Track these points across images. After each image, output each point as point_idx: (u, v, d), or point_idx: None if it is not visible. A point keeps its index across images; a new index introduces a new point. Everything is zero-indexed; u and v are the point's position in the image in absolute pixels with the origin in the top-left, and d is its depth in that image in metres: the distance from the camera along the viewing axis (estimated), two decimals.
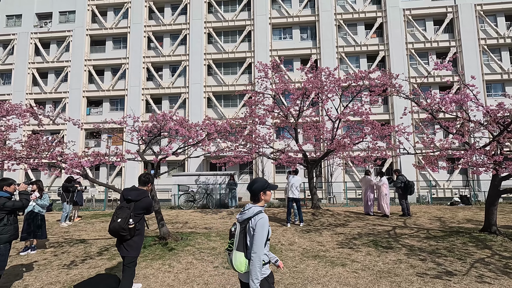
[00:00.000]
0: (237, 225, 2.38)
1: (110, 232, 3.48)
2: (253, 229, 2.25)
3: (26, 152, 6.09)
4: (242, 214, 2.39)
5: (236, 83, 23.25)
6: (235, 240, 2.33)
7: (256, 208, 2.35)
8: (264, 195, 2.41)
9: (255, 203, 2.43)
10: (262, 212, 2.31)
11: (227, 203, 13.46)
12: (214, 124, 6.02)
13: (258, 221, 2.24)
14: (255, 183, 2.45)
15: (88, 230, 8.53)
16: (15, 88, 24.88)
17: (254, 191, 2.42)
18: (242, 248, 2.28)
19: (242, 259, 2.25)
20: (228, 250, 2.42)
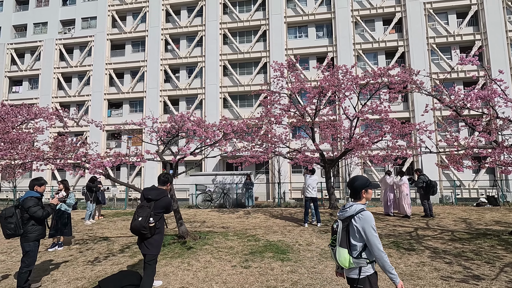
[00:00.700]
0: (339, 222, 2.43)
1: (132, 230, 3.58)
2: (357, 227, 2.30)
3: (52, 153, 6.39)
4: (343, 212, 2.43)
5: (252, 83, 23.30)
6: (338, 237, 2.38)
7: (358, 205, 2.38)
8: (366, 193, 2.44)
9: (355, 201, 2.46)
10: (365, 210, 2.35)
11: (243, 202, 13.52)
12: (231, 124, 6.06)
13: (363, 219, 2.29)
14: (356, 180, 2.48)
15: (111, 228, 8.83)
16: (42, 92, 26.15)
17: (355, 188, 2.45)
18: (345, 245, 2.33)
19: (346, 255, 2.31)
20: (331, 246, 2.47)
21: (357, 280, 2.30)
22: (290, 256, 5.56)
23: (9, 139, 8.82)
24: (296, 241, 6.74)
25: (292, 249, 6.08)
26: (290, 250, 6.00)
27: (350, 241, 2.34)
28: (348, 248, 2.33)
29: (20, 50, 27.48)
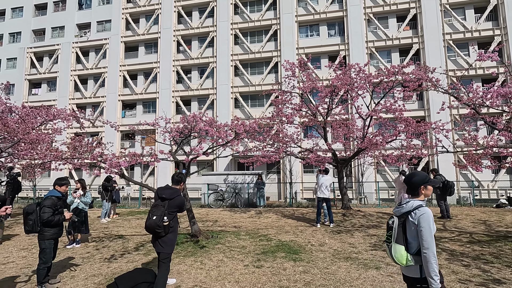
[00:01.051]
0: (395, 219, 2.37)
1: (146, 229, 3.64)
2: (415, 224, 2.23)
3: (70, 153, 6.59)
4: (400, 208, 2.38)
5: (263, 83, 23.29)
6: (394, 233, 2.32)
7: (416, 202, 2.31)
8: (425, 190, 2.37)
9: (413, 197, 2.40)
10: (423, 206, 2.28)
11: (255, 202, 13.54)
12: (243, 124, 6.08)
13: (421, 215, 2.21)
14: (415, 176, 2.41)
15: (125, 226, 9.02)
16: (59, 94, 27.00)
17: (414, 184, 2.39)
18: (402, 241, 2.28)
19: (403, 252, 2.25)
20: (387, 242, 2.41)
21: (419, 279, 2.22)
22: (303, 257, 5.53)
23: (30, 139, 9.17)
24: (308, 241, 6.70)
25: (304, 249, 6.04)
26: (303, 250, 5.96)
27: (407, 238, 2.28)
28: (404, 244, 2.27)
29: (39, 53, 28.46)
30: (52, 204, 4.21)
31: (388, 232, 2.42)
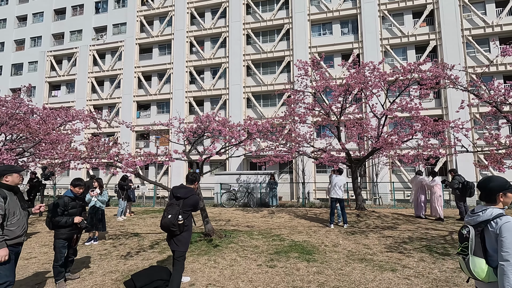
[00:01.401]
0: (470, 228, 2.16)
1: (162, 227, 3.71)
2: (496, 234, 2.02)
3: (88, 153, 6.79)
4: (475, 216, 2.17)
5: (275, 83, 23.24)
6: (471, 244, 2.11)
7: (495, 210, 2.10)
8: (505, 197, 2.12)
9: (489, 203, 2.17)
10: (505, 215, 2.05)
11: (267, 202, 13.53)
12: (256, 123, 6.09)
13: (504, 224, 1.99)
14: (492, 181, 2.16)
15: (140, 224, 9.21)
16: (77, 95, 27.87)
17: (491, 190, 2.14)
18: (481, 254, 2.07)
19: (483, 265, 2.04)
20: (462, 254, 2.18)
21: None
22: (316, 257, 5.48)
23: (50, 140, 9.49)
24: (321, 242, 6.63)
25: (318, 250, 5.99)
26: (316, 251, 5.91)
27: (487, 250, 2.06)
28: (484, 257, 2.05)
29: (58, 56, 29.47)
30: (62, 204, 4.27)
31: (462, 244, 2.18)
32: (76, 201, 4.48)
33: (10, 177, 3.30)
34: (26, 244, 6.89)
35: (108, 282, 4.48)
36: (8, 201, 3.21)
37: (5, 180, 3.27)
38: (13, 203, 3.27)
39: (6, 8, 31.80)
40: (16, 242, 3.29)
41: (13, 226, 3.23)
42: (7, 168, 3.37)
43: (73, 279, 4.62)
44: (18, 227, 3.29)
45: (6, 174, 3.28)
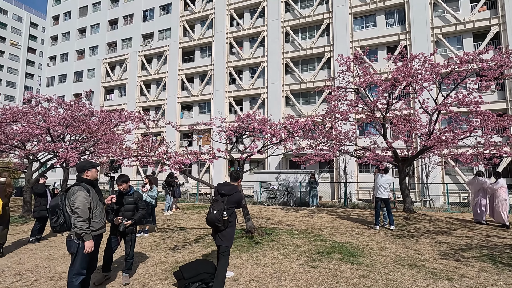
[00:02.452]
0: None
1: (208, 222, 3.86)
2: None
3: (138, 151, 7.33)
4: None
5: (315, 80, 22.75)
6: None
7: None
8: None
9: None
10: None
11: (307, 201, 13.33)
12: (298, 121, 6.03)
13: None
14: None
15: (186, 219, 9.70)
16: (128, 98, 30.22)
17: None
18: None
19: None
20: None
21: None
22: (361, 260, 5.27)
23: (106, 139, 10.45)
24: (366, 244, 6.35)
25: (362, 252, 5.75)
26: (361, 253, 5.68)
27: None
28: None
29: (112, 63, 32.24)
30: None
31: None
32: (123, 198, 4.46)
33: (90, 172, 3.58)
34: None
35: (159, 272, 4.81)
36: (91, 195, 3.50)
37: (86, 175, 3.55)
38: (95, 197, 3.56)
39: (69, 22, 35.64)
40: (98, 233, 3.56)
41: (96, 218, 3.52)
42: (87, 164, 3.62)
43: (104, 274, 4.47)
44: (100, 219, 3.57)
45: (87, 170, 3.56)
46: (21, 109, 10.42)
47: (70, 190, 3.45)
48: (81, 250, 3.34)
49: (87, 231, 3.34)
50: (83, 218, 3.31)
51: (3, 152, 10.95)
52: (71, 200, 3.35)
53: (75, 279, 3.37)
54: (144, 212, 4.60)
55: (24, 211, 9.90)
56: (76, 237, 3.34)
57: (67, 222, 3.35)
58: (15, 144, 9.96)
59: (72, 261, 3.41)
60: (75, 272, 3.37)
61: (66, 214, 3.35)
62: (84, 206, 3.33)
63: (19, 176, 22.30)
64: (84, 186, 3.47)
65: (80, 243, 3.35)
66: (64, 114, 10.60)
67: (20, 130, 9.93)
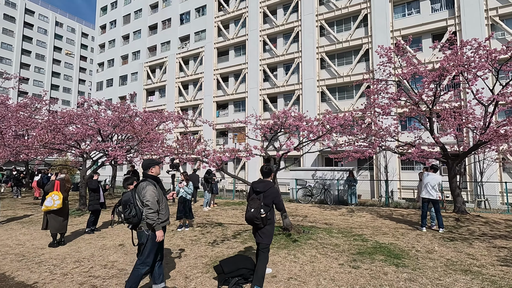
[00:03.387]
0: None
1: (247, 220, 3.89)
2: None
3: (178, 149, 7.67)
4: None
5: (352, 73, 21.85)
6: None
7: None
8: None
9: None
10: None
11: (345, 200, 12.89)
12: (337, 117, 5.81)
13: None
14: None
15: (223, 215, 9.94)
16: (167, 99, 31.74)
17: None
18: None
19: None
20: None
21: None
22: (406, 262, 4.96)
23: (149, 138, 11.09)
24: (412, 246, 5.97)
25: (408, 254, 5.41)
26: (406, 255, 5.35)
27: None
28: None
29: (152, 66, 34.08)
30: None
31: None
32: None
33: (154, 168, 3.84)
34: None
35: (199, 265, 4.99)
36: (157, 189, 3.76)
37: (151, 172, 3.81)
38: (159, 191, 3.81)
39: (115, 30, 38.34)
40: (164, 225, 3.79)
41: (162, 210, 3.76)
42: (151, 162, 3.88)
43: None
44: (165, 212, 3.81)
45: (151, 167, 3.82)
46: (75, 112, 11.48)
47: (139, 186, 3.72)
48: (151, 241, 3.61)
49: (158, 222, 3.60)
50: (154, 210, 3.57)
51: (62, 151, 12.16)
52: (142, 194, 3.61)
53: (142, 268, 3.61)
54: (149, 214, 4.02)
55: (80, 205, 10.91)
56: (146, 228, 3.62)
57: (138, 215, 3.61)
58: (72, 144, 10.99)
59: (141, 251, 3.66)
60: (143, 261, 3.61)
61: (137, 207, 3.62)
62: (153, 199, 3.59)
63: (75, 173, 24.63)
64: (151, 182, 3.72)
65: (150, 234, 3.62)
66: (112, 116, 11.46)
67: (76, 131, 10.94)
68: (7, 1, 50.32)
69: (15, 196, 15.36)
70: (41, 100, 18.27)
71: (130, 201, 3.65)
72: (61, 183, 6.59)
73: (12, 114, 14.35)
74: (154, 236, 3.64)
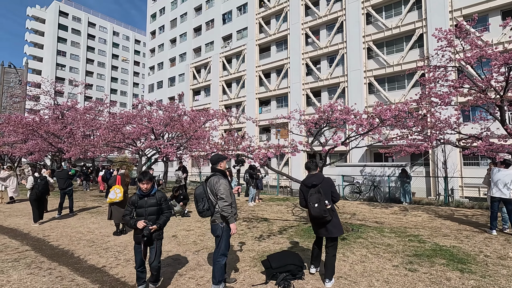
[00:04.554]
0: None
1: (314, 219, 3.76)
2: None
3: (223, 146, 7.89)
4: None
5: (403, 62, 20.23)
6: None
7: None
8: None
9: None
10: None
11: (398, 197, 12.05)
12: (389, 108, 5.40)
13: None
14: None
15: (268, 211, 10.01)
16: (212, 98, 32.91)
17: None
18: None
19: None
20: None
21: None
22: (473, 268, 4.46)
23: (197, 136, 11.62)
24: (479, 250, 5.34)
25: (474, 259, 4.86)
26: (472, 260, 4.81)
27: None
28: None
29: (197, 67, 35.59)
30: (130, 202, 3.93)
31: None
32: (145, 199, 3.78)
33: (222, 163, 3.94)
34: (186, 219, 8.72)
35: (247, 259, 5.10)
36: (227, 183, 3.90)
37: (220, 166, 3.90)
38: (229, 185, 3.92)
39: (163, 35, 40.82)
40: (236, 218, 3.93)
41: (233, 203, 3.83)
42: (220, 157, 3.97)
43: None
44: (235, 205, 3.90)
45: (220, 162, 3.91)
46: (132, 113, 12.53)
47: (210, 180, 3.80)
48: (226, 233, 3.72)
49: (232, 214, 3.68)
50: (228, 203, 3.64)
51: (121, 149, 13.38)
52: (216, 188, 3.69)
53: (221, 259, 3.72)
54: (170, 214, 3.89)
55: None
56: (221, 221, 3.71)
57: (211, 208, 3.72)
58: (129, 142, 12.03)
59: (217, 244, 3.76)
60: (221, 253, 3.72)
61: (209, 201, 3.72)
62: (227, 192, 3.67)
63: (132, 169, 26.97)
64: (222, 176, 3.81)
65: (225, 226, 3.71)
66: (163, 115, 12.26)
67: (132, 130, 11.95)
68: (74, 17, 56.77)
69: (84, 189, 17.38)
70: (103, 104, 20.32)
71: (203, 195, 3.73)
72: (121, 177, 7.25)
73: (80, 116, 16.21)
74: (229, 229, 3.70)
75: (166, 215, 3.84)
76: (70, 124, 16.01)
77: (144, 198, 3.77)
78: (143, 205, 3.73)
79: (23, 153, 17.48)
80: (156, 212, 3.78)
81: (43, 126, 13.87)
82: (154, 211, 3.76)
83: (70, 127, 15.38)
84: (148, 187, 3.75)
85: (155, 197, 3.82)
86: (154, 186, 3.88)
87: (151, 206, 3.76)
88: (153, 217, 3.74)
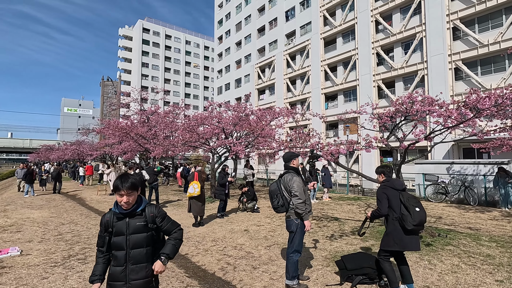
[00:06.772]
0: None
1: (419, 224, 3.31)
2: None
3: (289, 143, 7.89)
4: None
5: (502, 39, 16.95)
6: None
7: None
8: None
9: None
10: None
11: (497, 200, 10.19)
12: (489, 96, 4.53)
13: None
14: None
15: (338, 210, 9.63)
16: (277, 96, 33.17)
17: None
18: None
19: None
20: None
21: None
22: None
23: (263, 134, 11.87)
24: None
25: None
26: None
27: None
28: None
29: (262, 67, 36.32)
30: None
31: None
32: (125, 221, 2.28)
33: (295, 161, 4.01)
34: (256, 215, 9.03)
35: (319, 258, 5.01)
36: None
37: (292, 164, 3.97)
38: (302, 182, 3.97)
39: (229, 39, 42.89)
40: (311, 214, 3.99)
41: (307, 201, 3.87)
42: (292, 154, 4.04)
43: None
44: (309, 202, 3.91)
45: (292, 159, 3.99)
46: (204, 114, 13.53)
47: (284, 177, 3.88)
48: (300, 229, 3.76)
49: (306, 211, 3.72)
50: (302, 200, 3.70)
51: (196, 147, 14.59)
52: (290, 185, 3.76)
53: (295, 255, 3.78)
54: (181, 237, 2.27)
55: (211, 193, 12.85)
56: (295, 217, 3.76)
57: (285, 204, 3.80)
58: (203, 141, 13.03)
59: (291, 240, 3.84)
60: (294, 249, 3.78)
61: (283, 197, 3.80)
62: (301, 189, 3.73)
63: (205, 166, 29.15)
64: (295, 173, 3.85)
65: (299, 222, 3.76)
66: (232, 115, 12.90)
67: (205, 131, 12.90)
68: (154, 31, 64.23)
69: (165, 184, 19.56)
70: (179, 107, 22.47)
71: (277, 191, 3.81)
72: (198, 174, 7.92)
73: (162, 119, 18.26)
74: (303, 225, 3.73)
75: (176, 237, 2.24)
76: (154, 127, 18.19)
77: (124, 220, 2.16)
78: (122, 231, 2.14)
79: (119, 153, 20.60)
80: (146, 242, 2.16)
81: (133, 129, 16.09)
82: (142, 241, 2.15)
83: (155, 130, 17.48)
84: (129, 200, 2.13)
85: (143, 217, 2.19)
86: (142, 199, 2.26)
87: (136, 232, 2.15)
88: (141, 251, 2.14)
